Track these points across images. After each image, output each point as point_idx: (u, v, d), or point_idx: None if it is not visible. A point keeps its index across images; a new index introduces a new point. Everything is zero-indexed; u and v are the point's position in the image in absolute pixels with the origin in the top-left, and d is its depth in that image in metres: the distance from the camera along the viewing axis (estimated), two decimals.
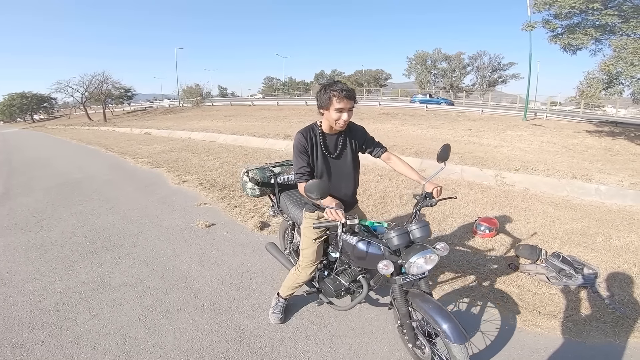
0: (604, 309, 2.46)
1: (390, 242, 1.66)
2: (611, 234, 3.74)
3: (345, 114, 1.76)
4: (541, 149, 9.04)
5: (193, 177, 6.44)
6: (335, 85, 1.74)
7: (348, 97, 1.73)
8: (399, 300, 1.75)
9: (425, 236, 1.69)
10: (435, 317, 1.59)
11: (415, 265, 1.61)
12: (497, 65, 43.20)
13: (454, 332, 1.53)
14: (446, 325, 1.55)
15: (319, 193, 1.58)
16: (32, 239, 3.87)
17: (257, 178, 2.48)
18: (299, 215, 2.21)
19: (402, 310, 1.75)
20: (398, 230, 1.66)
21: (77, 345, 2.12)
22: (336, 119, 1.77)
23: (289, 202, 2.42)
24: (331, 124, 1.81)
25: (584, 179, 5.52)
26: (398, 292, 1.75)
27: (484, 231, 3.62)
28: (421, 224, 1.70)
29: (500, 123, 14.81)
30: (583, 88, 9.75)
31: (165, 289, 2.75)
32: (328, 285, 2.15)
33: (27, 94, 46.17)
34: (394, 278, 1.73)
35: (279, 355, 2.02)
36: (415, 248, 1.64)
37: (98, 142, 13.54)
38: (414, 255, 1.61)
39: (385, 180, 5.82)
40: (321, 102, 1.78)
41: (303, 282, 2.15)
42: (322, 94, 1.77)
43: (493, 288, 2.71)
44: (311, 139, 1.85)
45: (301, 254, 2.09)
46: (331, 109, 1.74)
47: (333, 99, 1.72)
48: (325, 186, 1.60)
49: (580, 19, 9.95)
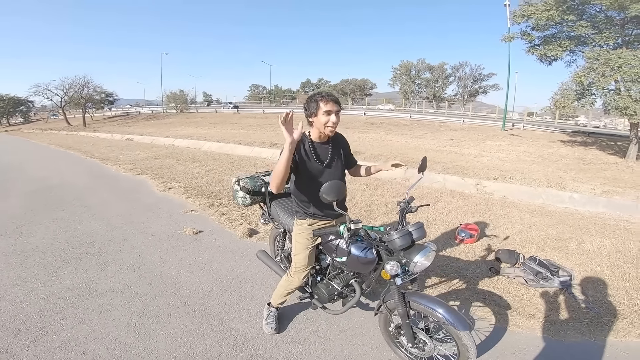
0: (579, 309, 2.61)
1: (393, 243, 1.74)
2: (584, 239, 3.96)
3: (334, 116, 1.84)
4: (518, 159, 9.43)
5: (179, 185, 6.38)
6: (319, 93, 1.88)
7: (334, 100, 1.84)
8: (398, 302, 1.79)
9: (422, 236, 1.81)
10: (439, 311, 1.69)
11: (419, 264, 1.73)
12: (478, 75, 44.90)
13: (460, 321, 1.66)
14: (451, 316, 1.67)
15: (336, 194, 1.65)
16: (11, 244, 3.75)
17: (248, 187, 2.51)
18: (290, 222, 2.26)
19: (401, 310, 1.80)
20: (400, 232, 1.75)
21: (65, 350, 2.08)
22: (325, 122, 1.84)
23: (280, 210, 2.47)
24: (320, 129, 1.88)
25: (559, 187, 5.81)
26: (396, 294, 1.80)
27: (465, 237, 3.77)
28: (418, 225, 1.81)
29: (480, 133, 15.34)
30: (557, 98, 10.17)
31: (154, 294, 2.73)
32: (321, 290, 2.20)
33: (3, 97, 44.39)
34: (393, 279, 1.79)
35: (273, 358, 2.05)
36: (415, 248, 1.76)
37: (77, 148, 13.18)
38: (417, 255, 1.72)
39: (371, 188, 5.95)
40: (309, 110, 1.87)
41: (295, 288, 2.18)
42: (309, 102, 1.88)
43: (475, 290, 2.83)
44: (299, 149, 1.89)
45: (293, 260, 2.13)
46: (319, 113, 1.83)
47: (320, 102, 1.82)
48: (342, 187, 1.68)
49: (556, 31, 10.44)
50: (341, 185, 1.69)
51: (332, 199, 1.66)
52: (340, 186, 1.68)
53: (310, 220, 2.05)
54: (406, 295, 1.82)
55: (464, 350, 1.69)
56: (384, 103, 41.90)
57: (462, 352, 1.70)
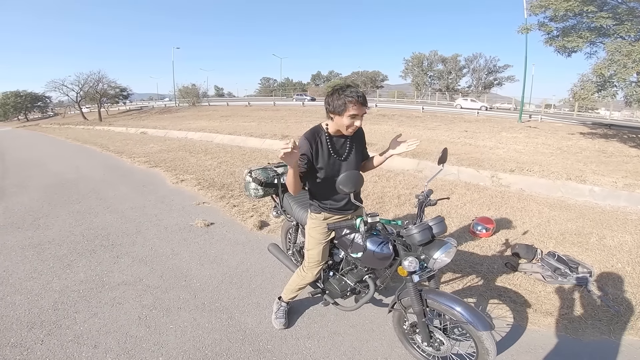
0: (598, 307, 2.51)
1: (412, 238, 1.66)
2: (605, 234, 3.81)
3: (359, 121, 1.74)
4: (536, 151, 9.14)
5: (191, 177, 6.43)
6: (350, 91, 1.68)
7: (363, 103, 1.70)
8: (414, 299, 1.72)
9: (442, 231, 1.71)
10: (458, 309, 1.62)
11: (439, 260, 1.64)
12: (493, 67, 43.65)
13: (480, 320, 1.58)
14: (471, 315, 1.59)
15: (353, 185, 1.58)
16: (28, 237, 3.84)
17: (260, 178, 2.47)
18: (303, 216, 2.21)
19: (417, 308, 1.73)
20: (420, 226, 1.66)
21: (78, 344, 2.11)
22: (348, 125, 1.72)
23: (293, 202, 2.43)
24: (341, 129, 1.78)
25: (578, 180, 5.60)
26: (413, 291, 1.72)
27: (480, 231, 3.67)
28: (438, 220, 1.72)
29: (495, 125, 14.95)
30: (577, 90, 9.85)
31: (165, 287, 2.75)
32: (334, 286, 2.16)
33: (21, 93, 45.59)
34: (410, 276, 1.72)
35: (281, 352, 2.03)
36: (435, 243, 1.67)
37: (94, 142, 13.42)
38: (438, 251, 1.63)
39: (383, 180, 5.85)
40: (334, 107, 1.71)
41: (308, 283, 2.15)
42: (335, 98, 1.69)
43: (490, 287, 2.75)
44: (316, 144, 1.82)
45: (306, 254, 2.09)
46: (345, 115, 1.69)
47: (349, 105, 1.67)
48: (359, 178, 1.61)
49: (576, 22, 10.03)
50: (358, 176, 1.62)
51: (350, 190, 1.59)
52: (358, 177, 1.61)
53: (325, 214, 1.99)
54: (423, 293, 1.75)
55: (483, 352, 1.62)
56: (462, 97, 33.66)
57: (482, 353, 1.63)
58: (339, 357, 2.01)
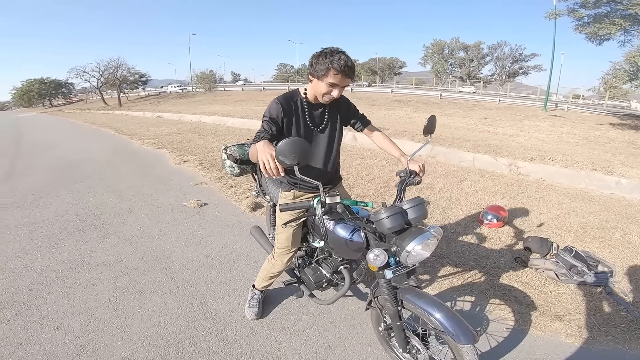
0: (616, 312, 2.18)
1: (381, 224, 1.34)
2: (631, 229, 3.41)
3: (337, 91, 1.51)
4: (560, 140, 8.55)
5: (194, 158, 6.34)
6: (339, 57, 1.43)
7: (347, 74, 1.46)
8: (387, 299, 1.44)
9: (421, 216, 1.38)
10: (437, 316, 1.31)
11: (412, 254, 1.32)
12: (519, 56, 41.54)
13: (462, 331, 1.27)
14: (451, 324, 1.28)
15: (296, 156, 1.18)
16: (25, 216, 3.81)
17: (235, 155, 2.24)
18: (277, 195, 1.99)
19: (391, 310, 1.45)
20: (390, 210, 1.34)
21: (40, 325, 2.01)
22: (325, 92, 1.51)
23: (270, 181, 2.21)
24: (317, 95, 1.57)
25: (605, 171, 5.12)
26: (386, 289, 1.43)
27: (491, 220, 3.36)
28: (415, 202, 1.38)
29: (518, 113, 14.21)
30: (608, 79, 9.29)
31: (144, 269, 2.62)
32: (308, 276, 1.92)
33: (45, 80, 47.02)
34: (382, 272, 1.42)
35: (249, 345, 1.85)
36: (411, 232, 1.34)
37: (110, 125, 13.59)
38: (412, 241, 1.30)
39: (391, 164, 5.56)
40: (315, 69, 1.49)
41: (278, 272, 1.94)
42: (319, 60, 1.47)
43: (495, 284, 2.45)
44: (290, 109, 1.59)
45: (276, 239, 1.88)
46: (324, 80, 1.48)
47: (331, 71, 1.45)
48: (305, 146, 1.21)
49: (609, 9, 9.53)
50: (303, 144, 1.21)
51: (291, 162, 1.19)
52: (302, 145, 1.20)
53: (296, 193, 1.76)
54: (399, 292, 1.46)
55: None
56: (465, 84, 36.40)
57: None
58: (311, 355, 1.80)
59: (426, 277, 2.54)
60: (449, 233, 3.23)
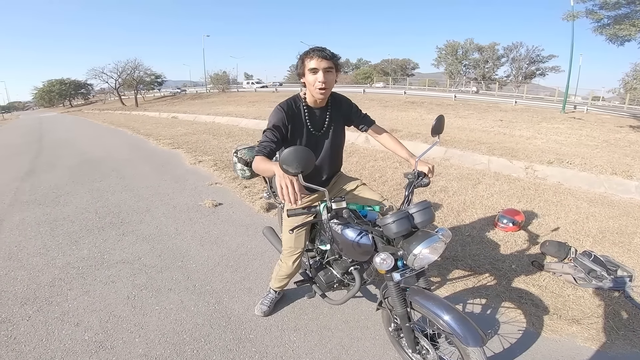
0: (634, 316, 2.14)
1: (388, 229, 1.35)
2: None
3: (321, 74, 1.50)
4: (579, 143, 8.33)
5: (209, 158, 6.45)
6: (311, 49, 1.54)
7: (320, 56, 1.49)
8: (396, 301, 1.46)
9: (427, 220, 1.38)
10: (445, 318, 1.32)
11: (420, 257, 1.32)
12: (536, 57, 40.62)
13: (470, 333, 1.28)
14: (459, 326, 1.29)
15: (300, 164, 1.19)
16: (46, 214, 3.94)
17: (245, 158, 2.29)
18: None
19: (400, 311, 1.47)
20: (397, 215, 1.34)
21: (61, 321, 2.07)
22: (312, 81, 1.53)
23: None
24: (312, 93, 1.59)
25: (625, 175, 4.97)
26: (394, 291, 1.46)
27: (506, 224, 3.31)
28: (422, 206, 1.38)
29: (535, 115, 13.90)
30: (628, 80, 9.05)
31: (161, 267, 2.68)
32: (319, 277, 1.94)
33: (65, 80, 48.51)
34: (390, 274, 1.43)
35: (262, 343, 1.88)
36: (417, 236, 1.34)
37: (127, 125, 13.94)
38: (419, 245, 1.30)
39: (405, 167, 5.52)
40: (298, 68, 1.59)
41: (287, 274, 1.95)
42: (298, 60, 1.58)
43: (510, 287, 2.42)
44: (294, 115, 1.63)
45: (282, 241, 1.90)
46: (305, 71, 1.54)
47: (306, 59, 1.52)
48: (309, 155, 1.21)
49: (630, 10, 9.31)
50: (306, 153, 1.21)
51: (295, 170, 1.20)
52: (306, 154, 1.21)
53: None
54: (408, 294, 1.47)
55: None
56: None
57: None
58: (324, 355, 1.82)
59: (440, 279, 2.53)
60: (463, 236, 3.19)
